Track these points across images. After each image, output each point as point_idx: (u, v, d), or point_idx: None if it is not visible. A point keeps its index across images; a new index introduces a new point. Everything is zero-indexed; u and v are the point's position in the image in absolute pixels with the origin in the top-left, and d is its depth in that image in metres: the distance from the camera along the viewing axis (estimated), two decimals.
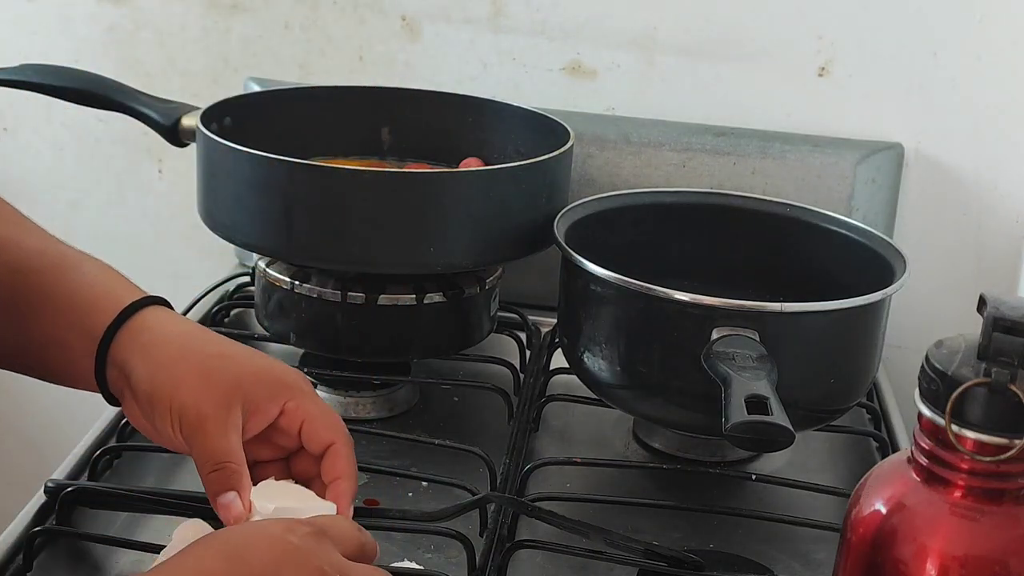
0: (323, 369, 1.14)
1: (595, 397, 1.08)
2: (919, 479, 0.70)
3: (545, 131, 1.21)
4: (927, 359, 0.69)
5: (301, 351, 1.17)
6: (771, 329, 0.96)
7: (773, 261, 1.17)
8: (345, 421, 1.11)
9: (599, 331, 1.03)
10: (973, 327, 0.68)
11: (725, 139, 1.33)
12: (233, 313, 1.31)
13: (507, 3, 1.38)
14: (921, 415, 0.69)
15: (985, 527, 0.68)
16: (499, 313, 1.21)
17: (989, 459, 0.66)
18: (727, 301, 0.96)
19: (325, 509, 0.79)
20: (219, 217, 1.12)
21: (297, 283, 1.11)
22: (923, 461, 0.69)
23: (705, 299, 0.97)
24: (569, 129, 1.18)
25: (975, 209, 1.37)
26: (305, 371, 1.13)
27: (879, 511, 0.70)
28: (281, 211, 1.07)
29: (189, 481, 0.96)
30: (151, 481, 1.01)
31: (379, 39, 1.41)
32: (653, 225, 1.18)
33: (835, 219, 1.16)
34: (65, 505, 0.93)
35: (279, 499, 0.79)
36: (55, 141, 1.51)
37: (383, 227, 1.06)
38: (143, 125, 1.23)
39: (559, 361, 1.15)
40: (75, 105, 1.25)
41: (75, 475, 0.99)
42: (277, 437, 0.83)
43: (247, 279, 1.34)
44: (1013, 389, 0.65)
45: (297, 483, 0.83)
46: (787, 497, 1.04)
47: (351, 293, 1.10)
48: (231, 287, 1.34)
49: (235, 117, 1.19)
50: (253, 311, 1.20)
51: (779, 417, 0.86)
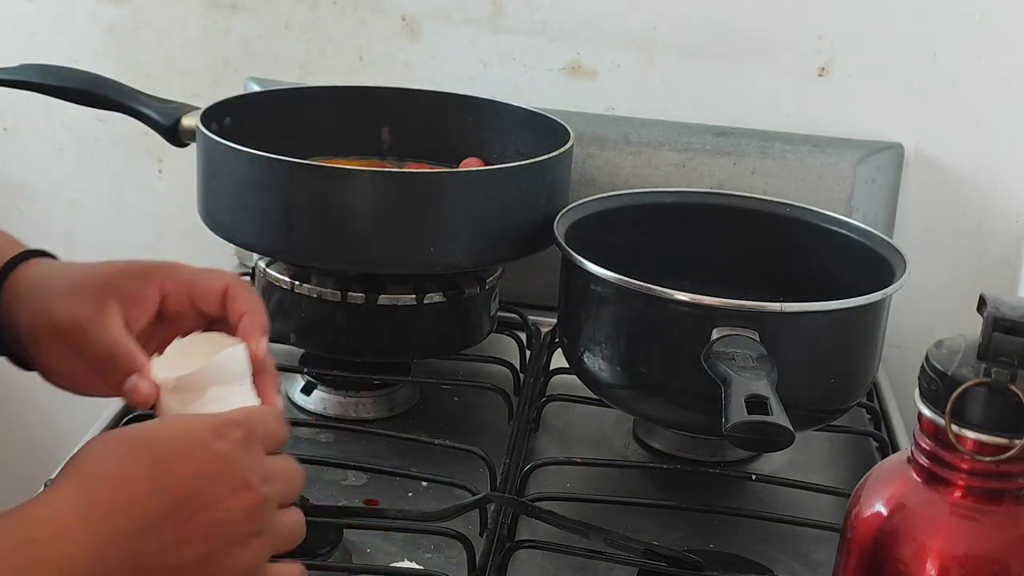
0: (323, 369, 1.14)
1: (595, 397, 1.08)
2: (919, 479, 0.70)
3: (545, 131, 1.21)
4: (927, 359, 0.69)
5: (301, 351, 1.17)
6: (771, 329, 0.96)
7: (773, 261, 1.17)
8: (345, 421, 1.12)
9: (599, 331, 1.03)
10: (973, 327, 0.68)
11: (725, 139, 1.33)
12: None
13: (507, 3, 1.38)
14: (921, 415, 0.69)
15: (985, 527, 0.68)
16: (499, 313, 1.21)
17: (989, 459, 0.66)
18: (727, 301, 0.96)
19: (228, 357, 0.78)
20: (219, 217, 1.12)
21: (297, 283, 1.11)
22: (923, 461, 0.69)
23: (705, 299, 0.97)
24: (569, 129, 1.18)
25: (975, 209, 1.37)
26: (305, 371, 1.14)
27: (879, 511, 0.70)
28: (281, 211, 1.07)
29: None
30: None
31: (379, 39, 1.41)
32: (653, 225, 1.18)
33: (835, 219, 1.16)
34: None
35: (181, 365, 0.78)
36: (55, 141, 1.51)
37: (383, 227, 1.06)
38: (143, 125, 1.23)
39: (559, 361, 1.15)
40: (75, 105, 1.25)
41: None
42: (182, 322, 0.82)
43: (247, 279, 1.34)
44: (1013, 389, 0.65)
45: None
46: (787, 497, 1.04)
47: (351, 293, 1.10)
48: None
49: (235, 117, 1.19)
50: None
51: (779, 417, 0.86)
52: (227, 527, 0.67)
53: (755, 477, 1.05)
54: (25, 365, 0.84)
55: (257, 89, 1.36)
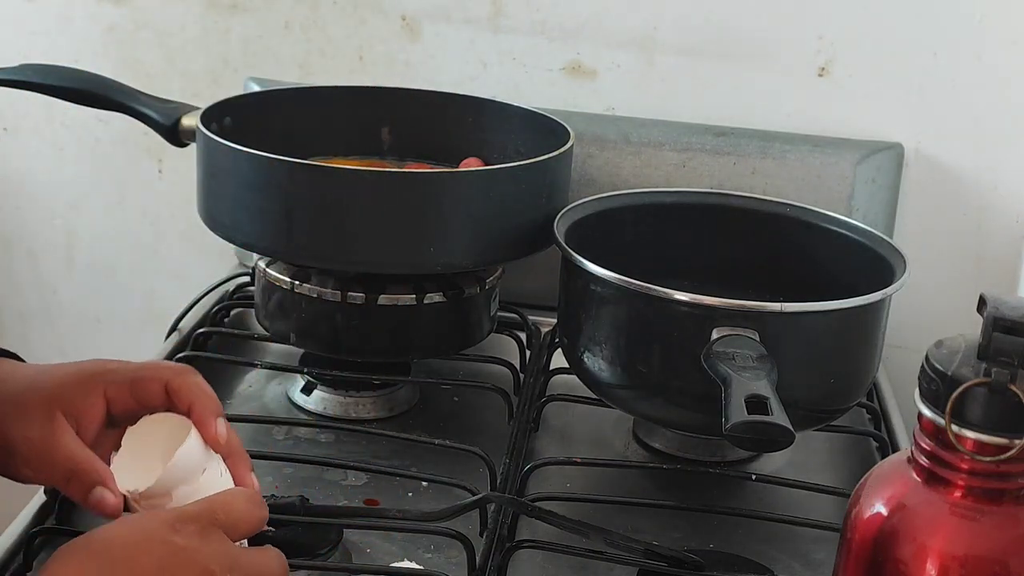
0: (323, 369, 1.14)
1: (595, 397, 1.08)
2: (919, 479, 0.70)
3: (545, 131, 1.21)
4: (927, 359, 0.69)
5: (301, 351, 1.17)
6: (771, 329, 0.96)
7: (773, 261, 1.17)
8: (345, 421, 1.12)
9: (599, 331, 1.03)
10: (973, 327, 0.68)
11: (725, 139, 1.33)
12: (233, 313, 1.31)
13: (507, 3, 1.38)
14: (921, 415, 0.69)
15: (985, 527, 0.68)
16: (499, 313, 1.21)
17: (989, 459, 0.66)
18: (727, 301, 0.96)
19: (186, 452, 0.77)
20: (219, 217, 1.12)
21: (297, 283, 1.11)
22: (923, 461, 0.69)
23: (705, 299, 0.97)
24: (569, 129, 1.18)
25: (975, 209, 1.37)
26: (305, 371, 1.14)
27: (879, 511, 0.70)
28: (281, 211, 1.07)
29: None
30: None
31: (379, 39, 1.41)
32: (653, 225, 1.18)
33: (835, 219, 1.16)
34: (65, 505, 0.93)
35: (140, 458, 0.78)
36: (55, 141, 1.51)
37: (383, 227, 1.06)
38: (143, 125, 1.23)
39: (559, 361, 1.15)
40: (75, 105, 1.25)
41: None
42: (133, 420, 0.82)
43: (247, 279, 1.34)
44: (1013, 389, 0.65)
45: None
46: (787, 497, 1.04)
47: (351, 293, 1.10)
48: (231, 287, 1.34)
49: (235, 117, 1.19)
50: (253, 311, 1.20)
51: (779, 417, 0.86)
52: None
53: (755, 477, 1.05)
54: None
55: (257, 89, 1.36)
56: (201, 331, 1.21)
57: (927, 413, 0.68)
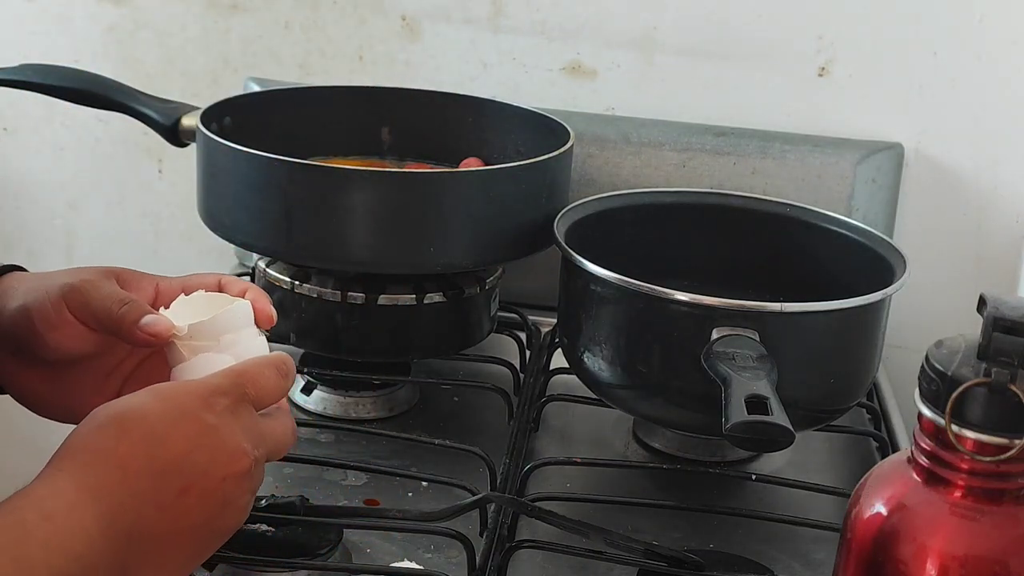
0: (323, 369, 1.14)
1: (595, 397, 1.08)
2: (919, 479, 0.70)
3: (545, 131, 1.21)
4: (927, 359, 0.69)
5: (301, 351, 1.17)
6: (771, 329, 0.96)
7: (773, 261, 1.17)
8: (345, 421, 1.12)
9: (599, 331, 1.03)
10: (973, 327, 0.68)
11: (725, 139, 1.33)
12: None
13: (507, 3, 1.38)
14: (921, 415, 0.69)
15: (985, 527, 0.68)
16: (499, 313, 1.21)
17: (989, 459, 0.66)
18: (727, 301, 0.96)
19: (238, 307, 0.82)
20: (219, 217, 1.12)
21: (297, 283, 1.11)
22: (923, 461, 0.69)
23: (705, 299, 0.97)
24: (569, 129, 1.18)
25: (975, 209, 1.37)
26: (305, 371, 1.14)
27: (879, 511, 0.70)
28: (281, 211, 1.07)
29: None
30: None
31: (379, 39, 1.41)
32: (653, 225, 1.18)
33: (835, 219, 1.16)
34: None
35: (191, 315, 0.82)
36: (55, 141, 1.51)
37: (383, 227, 1.06)
38: (143, 125, 1.23)
39: (559, 361, 1.15)
40: (75, 105, 1.26)
41: None
42: None
43: (247, 279, 1.34)
44: (1013, 389, 0.65)
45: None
46: (787, 497, 1.04)
47: (351, 293, 1.10)
48: None
49: (235, 117, 1.19)
50: None
51: (779, 417, 0.86)
52: (223, 494, 0.70)
53: (755, 477, 1.05)
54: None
55: (257, 89, 1.36)
56: None
57: (927, 413, 0.68)
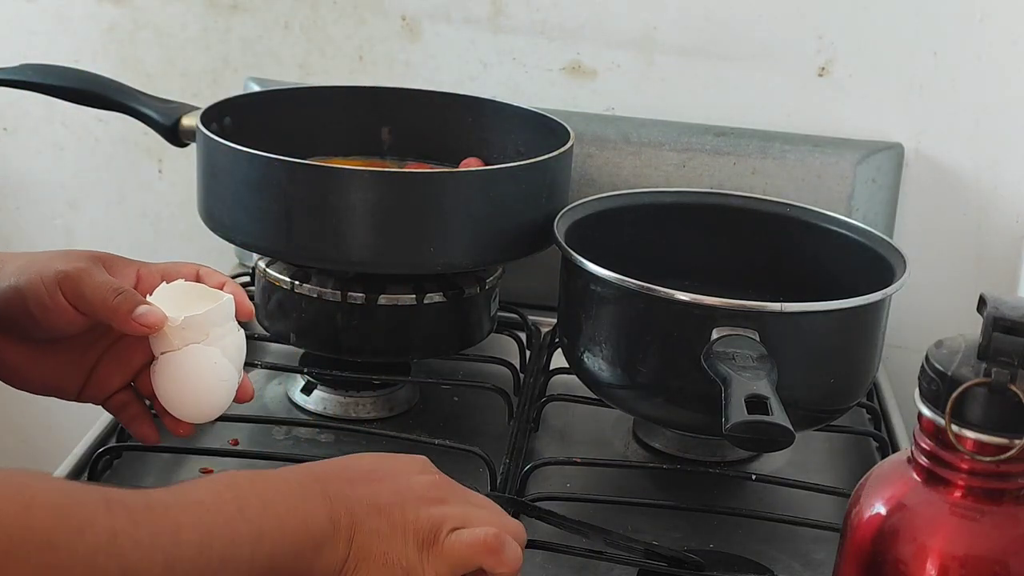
0: (323, 369, 1.14)
1: (595, 397, 1.08)
2: (919, 479, 0.70)
3: (545, 131, 1.21)
4: (927, 359, 0.69)
5: (301, 351, 1.17)
6: (771, 329, 0.96)
7: (773, 261, 1.17)
8: (345, 421, 1.12)
9: (599, 331, 1.03)
10: (973, 327, 0.68)
11: (725, 139, 1.33)
12: None
13: (507, 3, 1.38)
14: (921, 415, 0.69)
15: (985, 527, 0.68)
16: (499, 313, 1.21)
17: (989, 459, 0.66)
18: (727, 301, 0.96)
19: (227, 303, 0.88)
20: (219, 217, 1.12)
21: (297, 283, 1.11)
22: (923, 461, 0.69)
23: (705, 299, 0.97)
24: (569, 129, 1.18)
25: (975, 209, 1.37)
26: (305, 371, 1.14)
27: (879, 511, 0.70)
28: (281, 211, 1.07)
29: None
30: (151, 481, 1.01)
31: (379, 39, 1.41)
32: (653, 225, 1.18)
33: (835, 219, 1.16)
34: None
35: (175, 304, 0.87)
36: (55, 141, 1.51)
37: (383, 227, 1.06)
38: (143, 125, 1.23)
39: (559, 361, 1.15)
40: (75, 105, 1.26)
41: (75, 475, 0.99)
42: None
43: (247, 279, 1.34)
44: (1013, 389, 0.65)
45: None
46: (787, 497, 1.04)
47: (351, 293, 1.10)
48: None
49: (235, 117, 1.19)
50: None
51: (779, 417, 0.86)
52: (412, 490, 0.76)
53: (755, 477, 1.05)
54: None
55: (257, 89, 1.36)
56: None
57: (927, 413, 0.68)
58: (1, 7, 1.47)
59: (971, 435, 0.67)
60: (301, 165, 1.07)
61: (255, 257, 1.17)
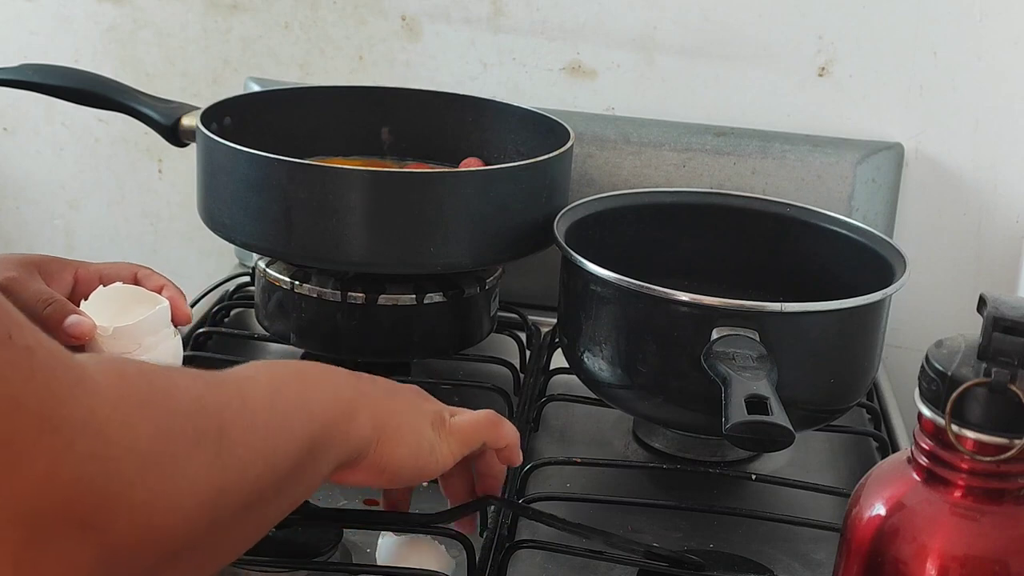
0: None
1: (595, 397, 1.08)
2: (919, 479, 0.70)
3: (545, 131, 1.21)
4: (927, 359, 0.69)
5: (301, 351, 1.17)
6: (771, 329, 0.96)
7: (773, 261, 1.17)
8: None
9: (599, 331, 1.03)
10: (973, 327, 0.68)
11: (725, 139, 1.33)
12: (233, 313, 1.31)
13: (507, 3, 1.38)
14: (921, 415, 0.69)
15: (985, 527, 0.68)
16: (499, 313, 1.21)
17: (989, 459, 0.66)
18: (727, 301, 0.96)
19: (160, 311, 0.89)
20: (219, 217, 1.12)
21: (297, 283, 1.11)
22: (923, 461, 0.69)
23: (705, 299, 0.97)
24: (569, 129, 1.18)
25: (975, 209, 1.37)
26: None
27: (879, 511, 0.70)
28: (281, 211, 1.07)
29: None
30: None
31: (379, 39, 1.41)
32: (653, 225, 1.18)
33: (835, 219, 1.16)
34: None
35: (106, 312, 0.88)
36: (55, 141, 1.51)
37: (383, 227, 1.06)
38: (143, 125, 1.23)
39: (559, 361, 1.15)
40: (75, 105, 1.26)
41: None
42: None
43: (247, 279, 1.34)
44: (1013, 389, 0.65)
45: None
46: (787, 497, 1.04)
47: (351, 293, 1.10)
48: (231, 287, 1.34)
49: (235, 117, 1.19)
50: (253, 311, 1.20)
51: (779, 417, 0.86)
52: (408, 390, 0.82)
53: (755, 477, 1.05)
54: None
55: (257, 89, 1.36)
56: (201, 331, 1.21)
57: (927, 413, 0.68)
58: (1, 7, 1.47)
59: (971, 435, 0.66)
60: (301, 165, 1.07)
61: (255, 257, 1.17)
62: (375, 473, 0.77)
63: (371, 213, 1.06)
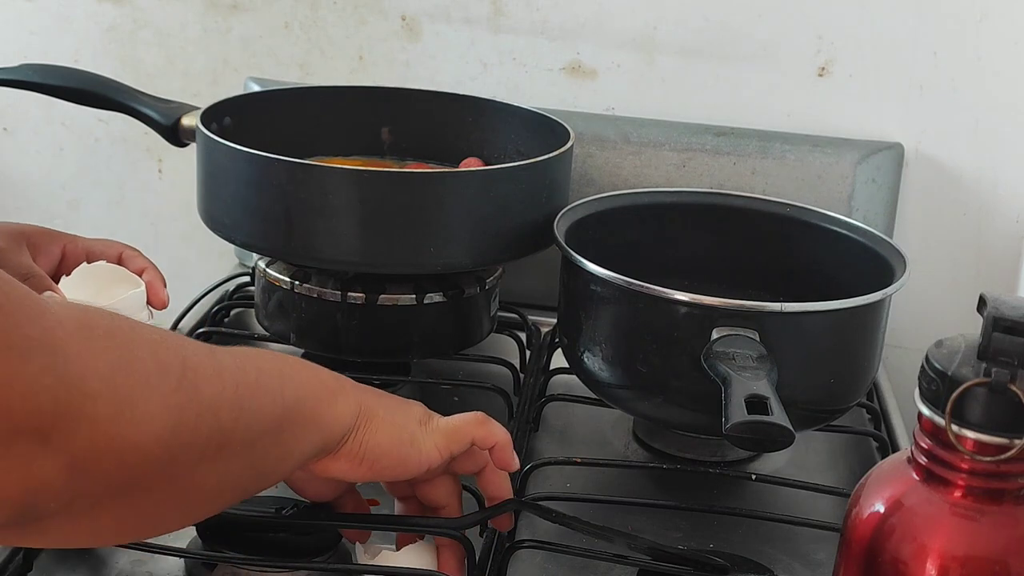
0: None
1: (595, 397, 1.08)
2: (919, 479, 0.70)
3: (545, 131, 1.21)
4: (927, 359, 0.69)
5: (301, 351, 1.17)
6: (771, 329, 0.96)
7: (773, 261, 1.17)
8: None
9: (599, 331, 1.03)
10: (973, 327, 0.68)
11: (725, 139, 1.33)
12: (233, 313, 1.31)
13: (507, 3, 1.38)
14: (921, 415, 0.69)
15: (985, 527, 0.68)
16: (499, 313, 1.21)
17: (989, 459, 0.66)
18: (727, 301, 0.96)
19: (135, 295, 0.91)
20: (219, 217, 1.12)
21: (297, 283, 1.11)
22: (923, 461, 0.69)
23: (705, 299, 0.97)
24: (569, 129, 1.18)
25: (975, 209, 1.37)
26: None
27: (879, 511, 0.70)
28: (281, 211, 1.07)
29: None
30: None
31: (379, 39, 1.41)
32: (653, 225, 1.18)
33: (835, 219, 1.16)
34: None
35: (86, 289, 0.89)
36: (55, 141, 1.51)
37: (383, 227, 1.06)
38: (143, 125, 1.23)
39: (559, 361, 1.15)
40: (75, 105, 1.26)
41: None
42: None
43: (247, 279, 1.34)
44: (1013, 389, 0.65)
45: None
46: (787, 497, 1.04)
47: (351, 293, 1.10)
48: (231, 287, 1.34)
49: (235, 117, 1.19)
50: (253, 311, 1.20)
51: (779, 417, 0.86)
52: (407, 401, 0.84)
53: (755, 477, 1.05)
54: None
55: (257, 89, 1.36)
56: (201, 331, 1.21)
57: (927, 413, 0.68)
58: (1, 7, 1.47)
59: (971, 435, 0.66)
60: (301, 165, 1.07)
61: (255, 257, 1.17)
62: (355, 461, 0.77)
63: (371, 213, 1.06)
